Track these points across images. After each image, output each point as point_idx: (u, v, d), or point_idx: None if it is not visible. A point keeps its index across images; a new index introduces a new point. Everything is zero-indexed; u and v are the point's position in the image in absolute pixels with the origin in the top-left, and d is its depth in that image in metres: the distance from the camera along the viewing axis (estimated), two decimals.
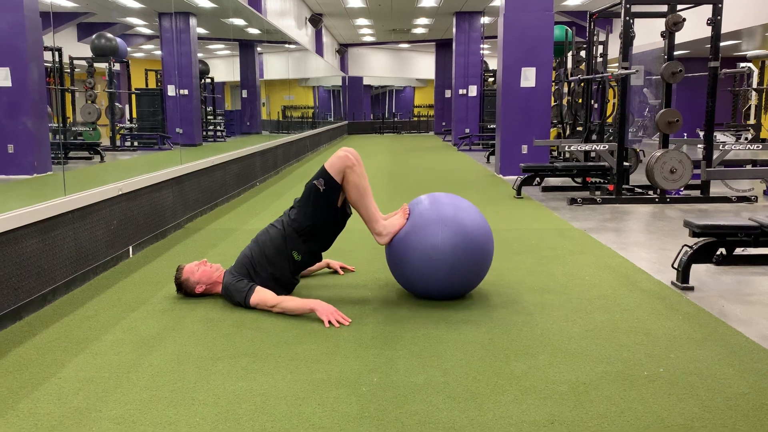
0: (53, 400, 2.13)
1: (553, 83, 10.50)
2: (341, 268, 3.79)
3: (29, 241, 3.03)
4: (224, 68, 14.55)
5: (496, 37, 10.03)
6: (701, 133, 6.87)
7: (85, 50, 10.43)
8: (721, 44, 6.22)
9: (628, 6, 6.19)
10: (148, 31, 11.35)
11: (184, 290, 3.24)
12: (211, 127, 13.53)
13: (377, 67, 27.38)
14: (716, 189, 6.70)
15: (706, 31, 6.21)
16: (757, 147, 7.07)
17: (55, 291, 3.23)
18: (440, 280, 3.06)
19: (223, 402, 2.11)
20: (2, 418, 2.02)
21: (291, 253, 3.15)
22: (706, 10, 6.12)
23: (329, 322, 2.83)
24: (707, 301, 3.20)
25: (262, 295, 3.02)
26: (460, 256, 3.02)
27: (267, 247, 3.16)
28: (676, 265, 3.47)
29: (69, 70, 10.41)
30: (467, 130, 15.88)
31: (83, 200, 3.54)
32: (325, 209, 3.12)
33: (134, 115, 12.28)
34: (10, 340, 2.69)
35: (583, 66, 9.21)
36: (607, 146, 6.57)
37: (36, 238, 3.09)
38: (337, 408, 2.06)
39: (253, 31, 10.86)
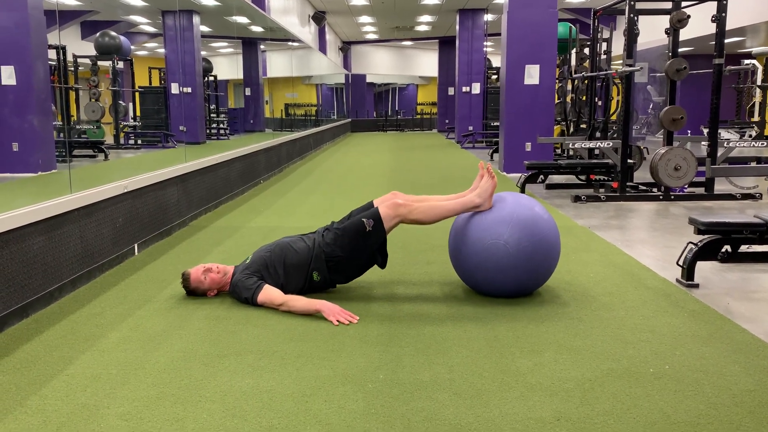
0: (61, 397, 2.14)
1: (557, 80, 10.49)
2: None
3: (36, 239, 3.05)
4: (227, 66, 14.56)
5: (499, 34, 10.02)
6: (705, 131, 6.85)
7: (89, 48, 10.43)
8: (726, 41, 6.20)
9: (632, 3, 6.17)
10: (151, 29, 11.35)
11: (193, 293, 3.24)
12: (214, 125, 13.54)
13: (380, 65, 27.36)
14: (720, 186, 6.69)
15: (711, 28, 6.19)
16: (762, 144, 7.05)
17: (62, 288, 3.25)
18: (509, 273, 3.06)
19: (230, 399, 2.11)
20: (11, 414, 2.03)
21: (311, 273, 3.16)
22: (711, 6, 6.10)
23: (337, 321, 2.84)
24: (712, 298, 3.20)
25: (269, 293, 3.02)
26: (532, 257, 3.03)
27: (289, 257, 3.16)
28: (681, 263, 3.46)
29: (73, 69, 10.42)
30: (470, 128, 15.86)
31: (89, 198, 3.56)
32: (363, 250, 3.14)
33: (138, 113, 12.29)
34: (17, 337, 2.70)
35: (587, 63, 9.20)
36: (611, 143, 6.56)
37: (42, 235, 3.10)
38: (344, 405, 2.07)
39: (257, 28, 10.87)
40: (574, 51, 9.99)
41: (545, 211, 3.21)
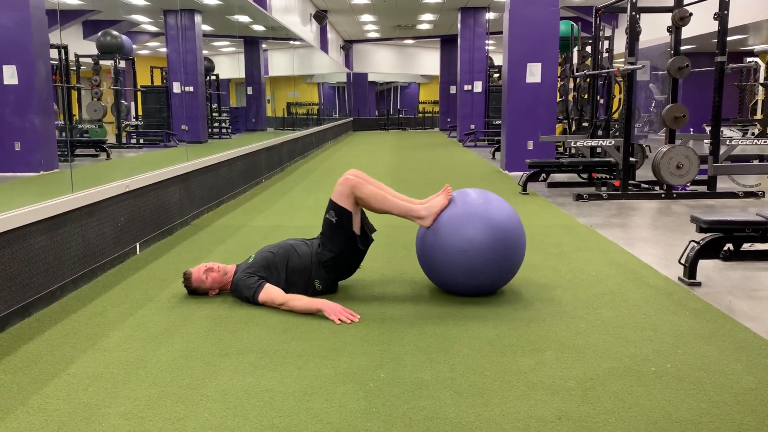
0: (63, 396, 2.15)
1: (559, 79, 10.47)
2: None
3: (37, 238, 3.05)
4: (229, 65, 14.56)
5: (501, 32, 10.01)
6: (708, 129, 6.84)
7: (90, 48, 10.44)
8: (728, 39, 6.18)
9: (634, 1, 6.16)
10: (153, 29, 11.36)
11: (195, 292, 3.25)
12: (216, 124, 13.54)
13: (382, 64, 27.36)
14: (723, 184, 6.67)
15: (713, 26, 6.17)
16: (764, 142, 7.02)
17: (64, 288, 3.25)
18: (473, 275, 3.05)
19: (231, 398, 2.11)
20: (13, 414, 2.04)
21: (313, 282, 3.17)
22: (713, 4, 6.08)
23: (339, 320, 2.84)
24: (714, 296, 3.19)
25: (270, 292, 3.03)
26: (496, 251, 3.02)
27: (292, 260, 3.16)
28: (683, 261, 3.46)
29: (75, 68, 10.42)
30: (472, 126, 15.84)
31: (91, 197, 3.56)
32: (343, 239, 3.14)
33: (140, 112, 12.30)
34: (19, 336, 2.70)
35: (588, 61, 9.19)
36: (613, 142, 6.55)
37: (44, 235, 3.10)
38: (345, 403, 2.07)
39: (258, 27, 10.86)
40: (575, 49, 9.97)
41: (499, 200, 3.20)
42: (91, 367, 2.38)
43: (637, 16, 6.30)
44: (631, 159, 6.61)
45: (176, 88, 9.47)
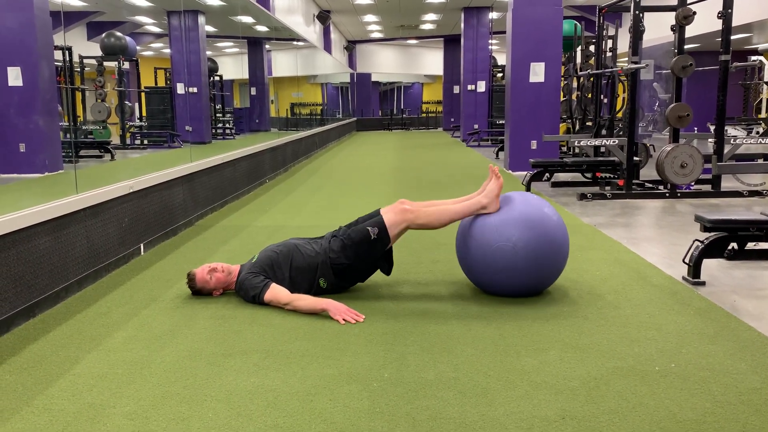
0: (67, 396, 2.15)
1: (563, 78, 10.46)
2: None
3: (42, 239, 3.06)
4: (233, 66, 14.59)
5: (504, 32, 9.99)
6: (712, 128, 6.82)
7: (94, 49, 10.48)
8: (732, 37, 6.17)
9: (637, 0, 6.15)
10: (157, 30, 11.39)
11: (199, 293, 3.26)
12: (220, 125, 13.56)
13: (385, 64, 27.36)
14: (727, 183, 6.65)
15: (717, 25, 6.16)
16: None
17: (68, 288, 3.26)
18: (515, 276, 3.05)
19: (235, 398, 2.12)
20: (18, 414, 2.05)
21: (318, 280, 3.16)
22: (717, 3, 6.07)
23: (344, 320, 2.84)
24: (719, 296, 3.18)
25: (276, 292, 3.03)
26: (539, 255, 3.02)
27: (296, 259, 3.16)
28: (687, 260, 3.45)
29: (79, 69, 10.46)
30: (476, 126, 15.84)
31: (95, 198, 3.57)
32: (368, 257, 3.15)
33: (144, 113, 12.34)
34: (24, 337, 2.72)
35: (592, 61, 9.16)
36: (616, 141, 6.53)
37: (49, 236, 3.12)
38: (349, 403, 2.07)
39: (262, 28, 10.88)
40: (579, 48, 9.95)
41: (554, 211, 3.20)
42: (95, 367, 2.39)
43: (641, 14, 6.29)
44: (635, 158, 6.60)
45: (180, 89, 9.50)
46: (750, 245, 3.43)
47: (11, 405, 2.10)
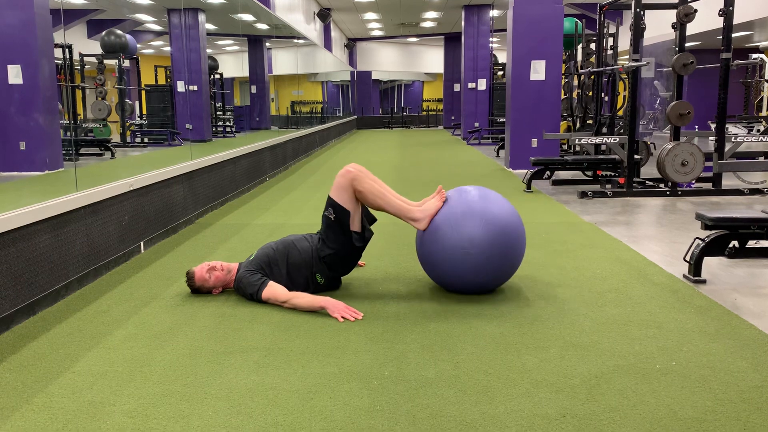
0: (67, 394, 2.15)
1: (563, 76, 10.44)
2: None
3: (42, 236, 3.06)
4: (233, 64, 14.58)
5: (505, 30, 9.99)
6: (713, 126, 6.81)
7: (95, 47, 10.46)
8: (733, 35, 6.16)
9: None
10: (157, 28, 11.38)
11: (198, 291, 3.26)
12: (220, 123, 13.56)
13: (386, 62, 27.33)
14: (728, 181, 6.65)
15: (718, 22, 6.15)
16: None
17: (68, 286, 3.26)
18: (473, 273, 3.04)
19: (236, 396, 2.12)
20: (18, 411, 2.04)
21: (315, 275, 3.17)
22: (718, 0, 6.06)
23: (342, 317, 2.84)
24: (720, 294, 3.18)
25: (274, 289, 3.03)
26: (495, 249, 3.00)
27: (292, 256, 3.16)
28: (688, 258, 3.45)
29: (79, 67, 10.45)
30: (476, 124, 15.83)
31: (95, 196, 3.57)
32: (342, 236, 3.13)
33: (144, 111, 12.33)
34: (24, 335, 2.71)
35: (593, 58, 9.16)
36: (617, 139, 6.53)
37: (49, 233, 3.11)
38: (349, 401, 2.07)
39: (262, 26, 10.87)
40: (580, 46, 9.94)
41: (497, 197, 3.18)
42: (95, 365, 2.39)
43: (642, 12, 6.28)
44: (636, 156, 6.59)
45: (180, 86, 9.49)
46: (751, 243, 3.43)
47: (11, 403, 2.10)
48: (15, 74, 6.41)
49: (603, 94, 8.14)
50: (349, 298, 3.08)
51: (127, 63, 11.33)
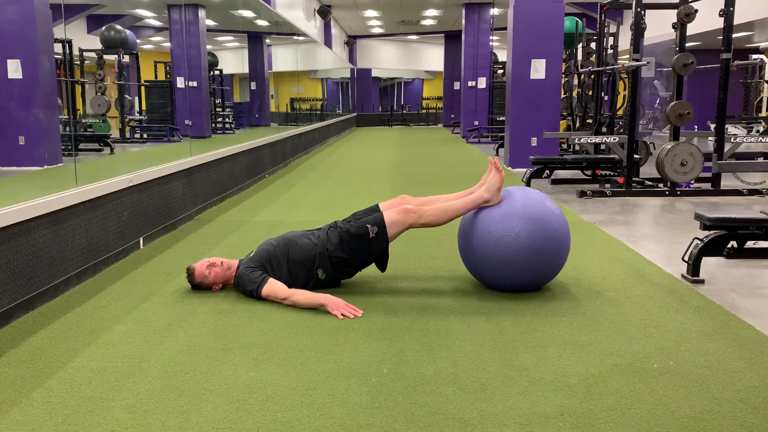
0: (66, 389, 2.15)
1: (563, 75, 10.44)
2: None
3: (41, 232, 3.06)
4: (233, 60, 14.57)
5: (505, 28, 9.98)
6: (712, 126, 6.82)
7: (94, 42, 10.45)
8: (734, 36, 6.16)
9: None
10: (157, 23, 11.37)
11: (198, 287, 3.26)
12: (220, 120, 13.55)
13: (386, 59, 27.30)
14: (727, 182, 6.66)
15: (718, 23, 6.15)
16: None
17: (67, 281, 3.26)
18: (517, 271, 3.05)
19: (234, 392, 2.12)
20: (17, 406, 2.05)
21: (316, 271, 3.16)
22: (719, 1, 6.06)
23: (342, 315, 2.84)
24: (718, 294, 3.19)
25: (273, 286, 3.03)
26: (541, 251, 3.02)
27: (293, 252, 3.16)
28: (686, 258, 3.45)
29: (79, 62, 10.44)
30: (476, 123, 15.82)
31: (94, 191, 3.57)
32: (365, 254, 3.16)
33: (144, 107, 12.32)
34: (23, 330, 2.72)
35: (593, 58, 9.15)
36: (617, 138, 6.53)
37: (48, 229, 3.11)
38: (348, 398, 2.07)
39: (262, 22, 10.86)
40: (580, 45, 9.93)
41: (556, 206, 3.20)
42: (94, 360, 2.39)
43: (643, 12, 6.28)
44: (635, 156, 6.60)
45: (180, 83, 9.49)
46: (749, 243, 3.44)
47: (10, 398, 2.10)
48: (14, 69, 6.41)
49: (603, 93, 8.14)
50: (349, 295, 3.08)
51: (126, 58, 11.32)
